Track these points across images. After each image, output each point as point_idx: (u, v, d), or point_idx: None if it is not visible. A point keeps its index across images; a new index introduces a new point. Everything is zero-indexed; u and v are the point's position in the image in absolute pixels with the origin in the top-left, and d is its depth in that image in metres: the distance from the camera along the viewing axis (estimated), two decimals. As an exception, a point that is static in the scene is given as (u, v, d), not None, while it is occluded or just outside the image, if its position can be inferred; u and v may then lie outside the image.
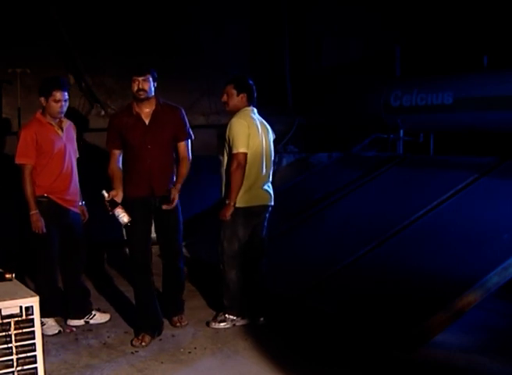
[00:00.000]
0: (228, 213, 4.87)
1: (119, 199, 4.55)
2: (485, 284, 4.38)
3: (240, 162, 4.80)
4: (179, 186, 4.68)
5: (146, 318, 4.70)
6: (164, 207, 4.65)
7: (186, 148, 4.82)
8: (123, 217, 4.48)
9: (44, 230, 4.76)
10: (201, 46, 8.48)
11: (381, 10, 9.49)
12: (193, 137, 4.90)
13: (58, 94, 4.74)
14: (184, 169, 4.78)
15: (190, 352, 4.45)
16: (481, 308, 4.82)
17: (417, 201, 5.91)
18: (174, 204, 4.64)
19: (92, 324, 5.04)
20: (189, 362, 4.26)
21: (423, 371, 4.13)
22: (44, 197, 4.80)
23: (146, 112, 4.68)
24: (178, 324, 4.94)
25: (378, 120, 8.57)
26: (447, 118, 7.78)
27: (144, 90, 4.56)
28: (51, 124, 4.83)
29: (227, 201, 4.87)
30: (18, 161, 4.76)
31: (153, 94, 4.67)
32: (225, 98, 5.03)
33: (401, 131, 8.34)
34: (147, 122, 4.67)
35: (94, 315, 5.11)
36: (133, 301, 4.92)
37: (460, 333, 4.63)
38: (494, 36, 8.51)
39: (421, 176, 6.60)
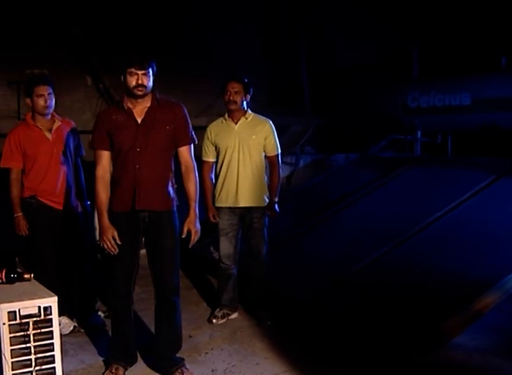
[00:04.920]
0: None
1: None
2: (504, 286, 4.35)
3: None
4: (193, 204, 3.96)
5: (121, 347, 4.10)
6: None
7: (189, 154, 4.01)
8: None
9: (27, 232, 4.77)
10: (215, 48, 8.51)
11: (396, 11, 9.44)
12: (196, 140, 4.09)
13: (39, 89, 4.67)
14: (191, 184, 3.98)
15: (207, 353, 4.45)
16: (499, 310, 4.78)
17: (434, 202, 5.89)
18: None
19: (108, 324, 5.02)
20: (206, 363, 4.26)
21: (439, 373, 4.10)
22: (32, 198, 4.78)
23: (140, 109, 3.90)
24: None
25: (395, 121, 8.54)
26: (465, 119, 7.74)
27: (144, 85, 3.81)
28: (37, 127, 4.76)
29: (276, 199, 5.01)
30: (2, 165, 4.79)
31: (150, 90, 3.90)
32: (234, 96, 4.85)
33: (419, 132, 8.31)
34: (139, 120, 3.88)
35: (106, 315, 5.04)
36: (145, 301, 4.91)
37: (477, 335, 4.58)
38: (512, 36, 8.45)
39: (439, 177, 6.57)
